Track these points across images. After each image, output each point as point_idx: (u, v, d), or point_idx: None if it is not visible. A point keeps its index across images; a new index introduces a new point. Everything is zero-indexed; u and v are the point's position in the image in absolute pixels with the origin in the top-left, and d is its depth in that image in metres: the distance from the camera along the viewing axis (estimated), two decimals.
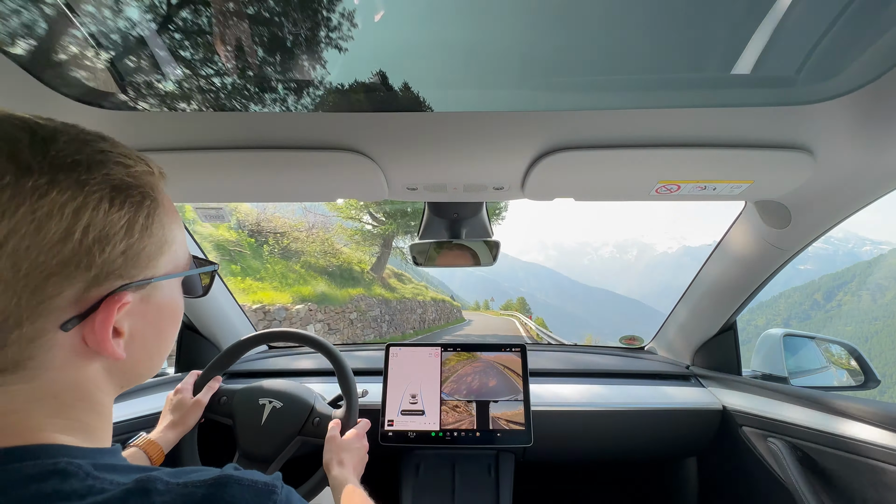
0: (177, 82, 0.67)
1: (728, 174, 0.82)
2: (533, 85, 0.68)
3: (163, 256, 0.41)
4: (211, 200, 1.05)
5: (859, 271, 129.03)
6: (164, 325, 0.44)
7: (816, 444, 1.01)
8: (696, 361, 1.52)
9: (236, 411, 1.02)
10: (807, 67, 0.63)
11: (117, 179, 0.36)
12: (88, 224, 0.33)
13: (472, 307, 78.61)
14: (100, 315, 0.35)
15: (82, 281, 0.34)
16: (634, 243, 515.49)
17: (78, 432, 0.37)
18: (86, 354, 0.37)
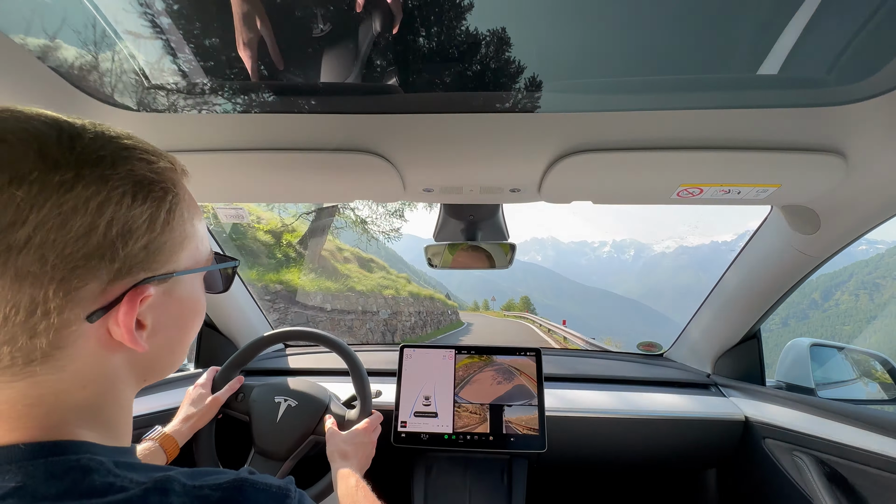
0: (200, 86, 0.69)
1: (754, 177, 0.80)
2: (552, 86, 0.67)
3: (184, 251, 0.42)
4: (231, 200, 1.07)
5: (857, 270, 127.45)
6: (185, 320, 0.45)
7: (846, 460, 0.97)
8: (717, 370, 1.47)
9: (252, 408, 1.04)
10: (839, 67, 0.61)
11: (140, 175, 0.37)
12: (112, 218, 0.34)
13: (471, 307, 75.20)
14: (123, 307, 0.36)
15: (106, 274, 0.35)
16: (632, 243, 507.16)
17: (101, 427, 0.38)
18: (110, 346, 0.38)
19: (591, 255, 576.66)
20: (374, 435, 0.98)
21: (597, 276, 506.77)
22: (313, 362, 1.51)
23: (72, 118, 0.36)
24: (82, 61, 0.64)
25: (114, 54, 0.65)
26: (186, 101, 0.70)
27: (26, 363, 0.34)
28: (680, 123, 0.70)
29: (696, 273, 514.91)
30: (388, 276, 14.77)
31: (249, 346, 1.11)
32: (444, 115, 0.69)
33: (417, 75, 0.73)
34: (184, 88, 0.69)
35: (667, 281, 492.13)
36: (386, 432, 1.08)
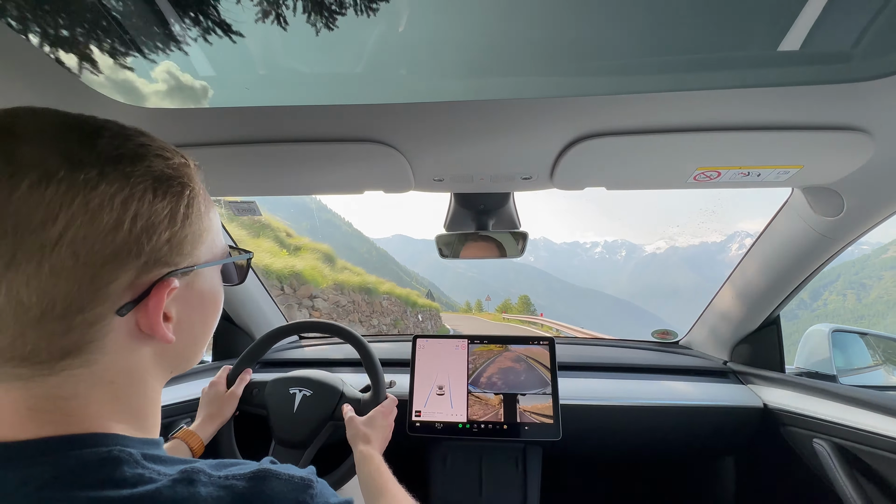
0: (208, 80, 0.69)
1: (774, 159, 0.77)
2: (563, 70, 0.66)
3: (203, 245, 0.43)
4: (241, 194, 1.07)
5: (844, 270, 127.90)
6: (206, 311, 0.47)
7: (868, 447, 0.95)
8: (734, 357, 1.45)
9: (269, 402, 1.06)
10: (865, 41, 0.58)
11: (158, 171, 0.38)
12: (136, 214, 0.35)
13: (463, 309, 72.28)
14: (152, 300, 0.38)
15: (133, 268, 0.36)
16: (623, 244, 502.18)
17: (130, 419, 0.40)
18: (139, 338, 0.39)
19: (584, 256, 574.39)
20: (391, 417, 1.01)
21: (589, 277, 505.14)
22: (327, 353, 1.53)
23: (87, 116, 0.37)
24: (90, 58, 0.64)
25: (120, 50, 0.65)
26: (193, 96, 0.70)
27: (62, 357, 0.35)
28: (697, 104, 0.68)
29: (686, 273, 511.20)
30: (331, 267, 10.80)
31: (262, 340, 1.14)
32: (454, 102, 0.68)
33: (425, 63, 0.71)
34: (190, 83, 0.69)
35: (658, 281, 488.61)
36: (400, 422, 1.09)
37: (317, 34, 0.69)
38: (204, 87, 0.69)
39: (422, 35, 0.67)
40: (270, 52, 0.67)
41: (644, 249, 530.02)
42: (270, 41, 0.66)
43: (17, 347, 0.33)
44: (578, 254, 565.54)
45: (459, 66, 0.70)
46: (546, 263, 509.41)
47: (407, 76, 0.71)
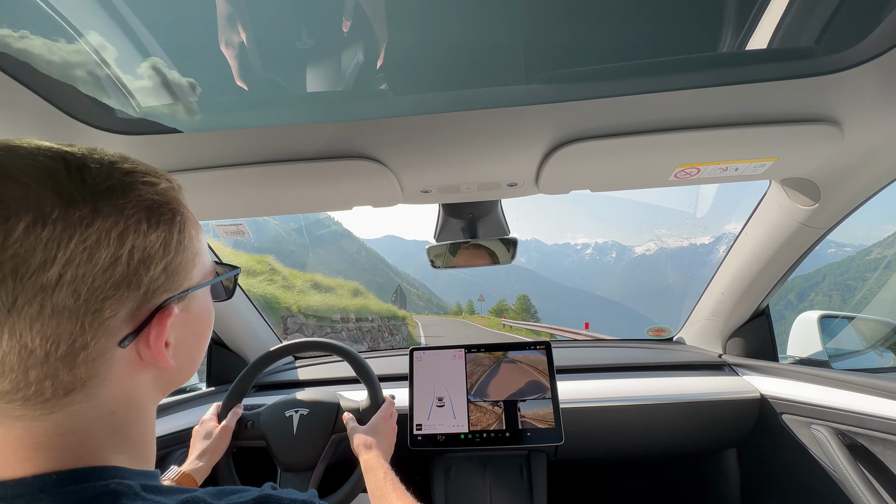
0: (189, 105, 0.69)
1: (750, 153, 0.80)
2: (541, 78, 0.67)
3: (195, 267, 0.43)
4: (229, 217, 1.07)
5: (829, 272, 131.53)
6: (202, 331, 0.47)
7: (866, 430, 0.96)
8: (728, 350, 1.47)
9: (266, 430, 1.03)
10: (827, 36, 0.61)
11: (148, 199, 0.38)
12: (132, 246, 0.36)
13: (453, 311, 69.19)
14: (154, 329, 0.38)
15: (133, 300, 0.36)
16: (613, 245, 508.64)
17: (128, 448, 0.40)
18: (139, 367, 0.39)
19: (574, 257, 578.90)
20: (393, 420, 1.00)
21: (580, 278, 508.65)
22: (323, 372, 1.51)
23: (69, 147, 0.37)
24: (70, 86, 0.64)
25: (101, 77, 0.65)
26: (177, 121, 0.70)
27: (65, 394, 0.35)
28: (672, 104, 0.70)
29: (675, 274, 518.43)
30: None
31: (249, 369, 1.11)
32: (437, 115, 0.69)
33: (407, 77, 0.73)
34: (173, 108, 0.69)
35: (648, 282, 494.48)
36: (402, 436, 1.08)
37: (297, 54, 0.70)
38: (189, 112, 0.70)
39: (402, 50, 0.69)
40: (252, 73, 0.68)
41: (634, 251, 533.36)
42: (252, 63, 0.67)
43: (21, 389, 0.33)
44: (569, 255, 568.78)
45: (440, 78, 0.71)
46: (537, 265, 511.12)
47: (389, 91, 0.72)
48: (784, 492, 1.24)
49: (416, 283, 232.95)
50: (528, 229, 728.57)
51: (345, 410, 1.05)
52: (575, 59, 0.69)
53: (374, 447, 0.89)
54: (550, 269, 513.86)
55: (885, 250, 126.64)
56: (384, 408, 1.00)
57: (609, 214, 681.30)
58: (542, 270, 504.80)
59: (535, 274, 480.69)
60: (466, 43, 0.68)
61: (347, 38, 0.68)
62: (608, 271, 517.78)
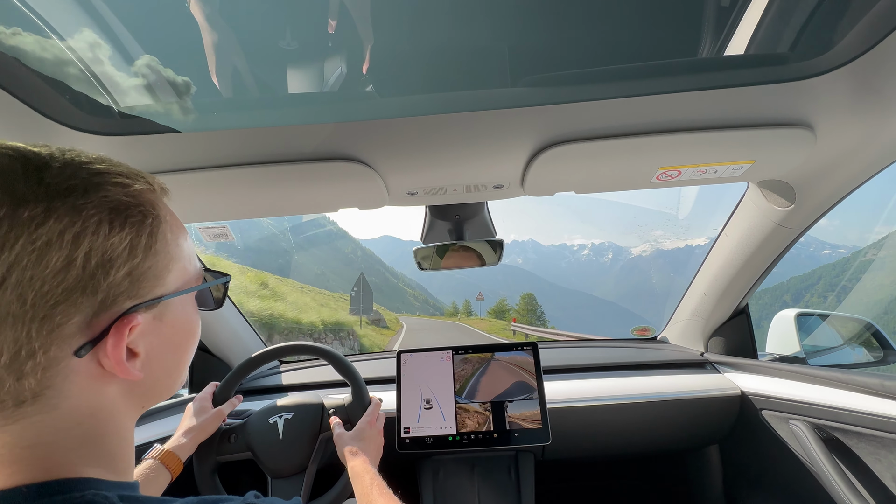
0: (172, 106, 0.68)
1: (729, 156, 0.82)
2: (526, 81, 0.68)
3: (171, 273, 0.41)
4: (213, 219, 1.05)
5: (824, 273, 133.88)
6: (180, 342, 0.44)
7: (840, 423, 0.99)
8: (710, 348, 1.50)
9: (251, 440, 1.01)
10: (801, 43, 0.63)
11: (115, 200, 0.36)
12: (89, 249, 0.33)
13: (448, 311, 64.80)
14: (111, 338, 0.35)
15: (90, 306, 0.34)
16: (610, 246, 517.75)
17: (103, 462, 0.38)
18: (103, 378, 0.37)
19: (571, 258, 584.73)
20: (379, 424, 0.99)
21: (576, 279, 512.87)
22: (308, 376, 1.49)
23: (38, 147, 0.35)
24: (44, 84, 0.62)
25: (78, 76, 0.63)
26: (160, 122, 0.69)
27: (17, 405, 0.33)
28: (654, 108, 0.71)
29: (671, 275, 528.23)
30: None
31: (247, 363, 1.10)
32: (423, 117, 0.70)
33: (393, 79, 0.73)
34: (156, 109, 0.68)
35: (643, 283, 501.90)
36: (389, 439, 1.07)
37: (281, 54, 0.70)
38: (170, 113, 0.68)
39: (388, 52, 0.69)
40: (236, 74, 0.67)
41: (630, 252, 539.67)
42: (236, 63, 0.66)
43: None
44: (566, 256, 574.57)
45: (426, 81, 0.72)
46: (534, 265, 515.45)
47: (375, 93, 0.72)
48: (764, 485, 1.27)
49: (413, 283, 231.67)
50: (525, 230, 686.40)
51: (329, 409, 1.04)
52: (560, 63, 0.70)
53: (361, 453, 0.88)
54: (547, 270, 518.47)
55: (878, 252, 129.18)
56: (370, 411, 0.99)
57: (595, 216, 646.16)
58: (539, 271, 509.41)
59: (532, 275, 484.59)
60: (453, 46, 0.68)
61: (333, 39, 0.68)
62: (604, 272, 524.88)
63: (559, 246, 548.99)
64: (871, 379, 0.96)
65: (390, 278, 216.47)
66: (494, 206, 1.17)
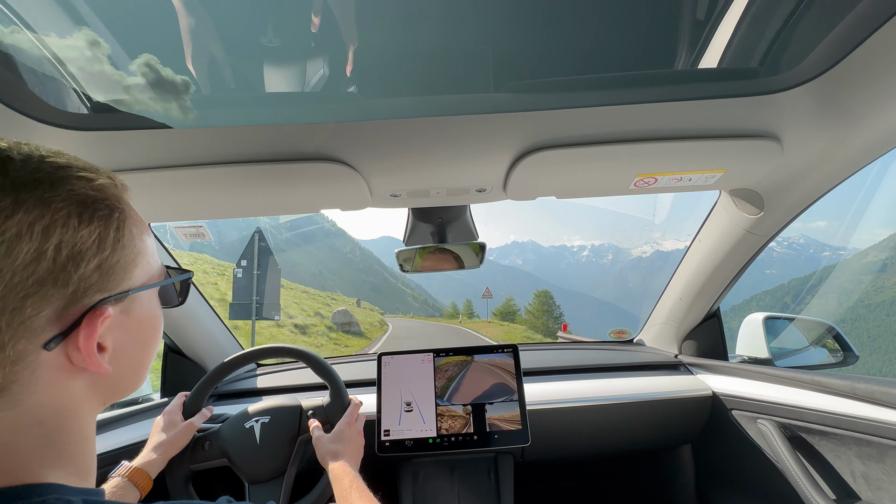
0: (147, 101, 0.66)
1: (702, 165, 0.85)
2: (509, 87, 0.69)
3: (137, 268, 0.41)
4: (189, 218, 1.03)
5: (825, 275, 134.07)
6: (146, 337, 0.44)
7: (803, 422, 1.04)
8: (683, 350, 1.55)
9: (226, 446, 0.99)
10: (770, 58, 0.66)
11: (82, 194, 0.36)
12: (60, 242, 0.33)
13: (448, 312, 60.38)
14: (83, 330, 0.35)
15: (60, 298, 0.34)
16: (610, 248, 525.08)
17: (65, 464, 0.37)
18: (70, 372, 0.36)
19: (571, 259, 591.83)
20: (359, 425, 0.98)
21: (576, 280, 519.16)
22: (286, 379, 1.47)
23: None
24: (11, 76, 0.60)
25: (47, 68, 0.61)
26: (134, 118, 0.67)
27: None
28: (632, 117, 0.73)
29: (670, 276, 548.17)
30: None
31: (219, 368, 1.08)
32: (407, 119, 0.70)
33: (377, 81, 0.73)
34: (131, 105, 0.66)
35: (643, 284, 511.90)
36: (369, 443, 1.07)
37: (265, 53, 0.69)
38: (148, 109, 0.67)
39: (372, 53, 0.69)
40: (218, 71, 0.66)
41: (630, 253, 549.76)
42: (216, 58, 0.65)
43: None
44: (566, 257, 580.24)
45: (410, 83, 0.72)
46: (534, 266, 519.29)
47: (359, 94, 0.72)
48: (734, 482, 1.32)
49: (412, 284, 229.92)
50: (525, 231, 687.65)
51: (308, 410, 1.03)
52: (542, 71, 0.71)
53: (341, 455, 0.87)
54: (547, 271, 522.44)
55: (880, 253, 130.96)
56: (349, 412, 0.98)
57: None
58: (539, 272, 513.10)
59: (532, 276, 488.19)
60: (437, 49, 0.69)
61: (317, 38, 0.68)
62: (604, 273, 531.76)
63: (559, 247, 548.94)
64: (833, 380, 1.01)
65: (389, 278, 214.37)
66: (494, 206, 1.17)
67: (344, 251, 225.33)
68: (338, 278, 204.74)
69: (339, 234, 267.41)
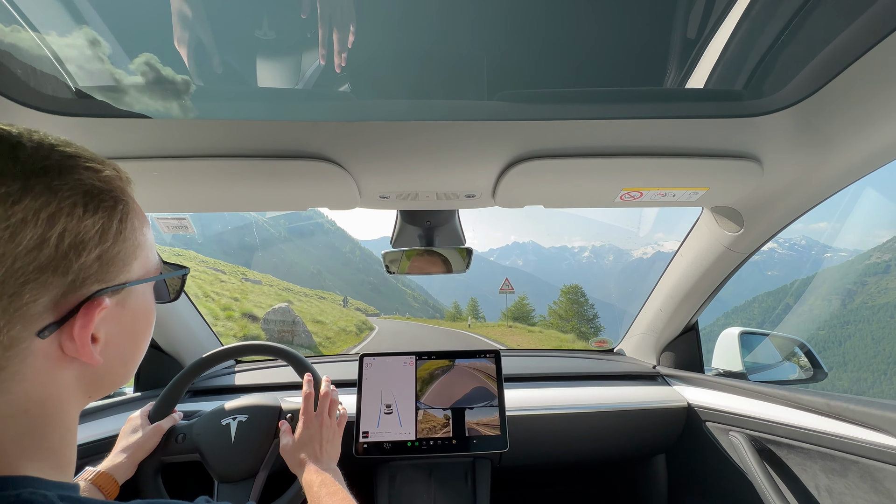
0: (139, 89, 0.65)
1: (686, 182, 0.87)
2: (502, 96, 0.70)
3: (136, 261, 0.41)
4: (175, 211, 1.01)
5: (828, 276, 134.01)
6: (138, 331, 0.44)
7: (772, 436, 1.07)
8: (661, 361, 1.58)
9: (199, 441, 0.96)
10: (753, 82, 0.69)
11: (88, 185, 0.36)
12: (64, 230, 0.33)
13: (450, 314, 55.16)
14: (79, 320, 0.35)
15: (59, 287, 0.34)
16: (611, 249, 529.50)
17: (44, 456, 0.36)
18: (61, 362, 0.36)
19: (572, 260, 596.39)
20: (322, 416, 0.91)
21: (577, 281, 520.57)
22: (266, 377, 1.45)
23: (6, 125, 0.35)
24: (4, 64, 0.58)
25: (31, 49, 0.60)
26: (121, 106, 0.66)
27: None
28: (621, 132, 0.75)
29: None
30: None
31: (184, 374, 1.03)
32: (399, 122, 0.70)
33: (371, 82, 0.73)
34: (118, 92, 0.65)
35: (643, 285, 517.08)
36: (347, 445, 1.06)
37: (259, 46, 0.68)
38: (137, 97, 0.65)
39: (368, 54, 0.69)
40: (210, 63, 0.65)
41: (632, 255, 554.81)
42: (208, 49, 0.64)
43: None
44: (566, 258, 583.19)
45: (405, 86, 0.72)
46: (535, 267, 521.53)
47: (352, 95, 0.72)
48: (705, 492, 1.35)
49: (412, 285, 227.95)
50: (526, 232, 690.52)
51: (287, 412, 1.01)
52: (535, 81, 0.73)
53: (307, 463, 0.83)
54: (548, 271, 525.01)
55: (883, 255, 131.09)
56: (305, 410, 0.92)
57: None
58: (540, 273, 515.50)
59: (533, 277, 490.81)
60: (433, 54, 0.69)
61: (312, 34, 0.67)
62: (605, 274, 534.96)
63: (560, 248, 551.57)
64: (802, 395, 1.04)
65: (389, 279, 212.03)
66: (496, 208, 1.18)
67: (343, 251, 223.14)
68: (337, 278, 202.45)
69: (339, 234, 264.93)
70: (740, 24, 0.63)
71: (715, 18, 0.65)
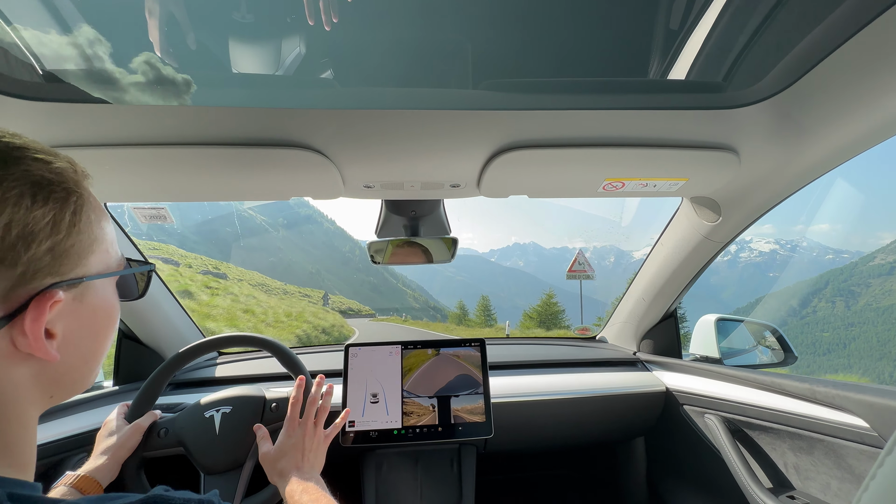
0: (111, 73, 0.62)
1: (666, 172, 0.89)
2: (486, 85, 0.70)
3: (93, 255, 0.40)
4: (153, 200, 0.98)
5: (832, 278, 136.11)
6: (99, 328, 0.43)
7: (744, 417, 1.12)
8: (641, 348, 1.62)
9: (183, 435, 0.95)
10: (733, 74, 0.70)
11: (37, 175, 0.35)
12: (10, 220, 0.32)
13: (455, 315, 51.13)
14: (30, 314, 0.34)
15: (7, 279, 0.33)
16: (612, 250, 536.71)
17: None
18: (14, 358, 0.35)
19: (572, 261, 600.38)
20: (307, 425, 0.87)
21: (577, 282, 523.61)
22: (250, 369, 1.43)
23: None
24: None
25: (2, 36, 0.57)
26: (93, 91, 0.63)
27: None
28: (604, 122, 0.76)
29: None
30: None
31: (163, 369, 1.01)
32: (383, 111, 0.69)
33: (354, 69, 0.72)
34: (89, 75, 0.62)
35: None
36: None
37: (237, 29, 0.66)
38: (109, 81, 0.63)
39: (351, 41, 0.68)
40: (185, 45, 0.63)
41: (633, 256, 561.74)
42: (185, 32, 0.62)
43: None
44: (567, 259, 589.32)
45: (389, 74, 0.71)
46: (535, 268, 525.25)
47: (335, 82, 0.70)
48: (681, 471, 1.40)
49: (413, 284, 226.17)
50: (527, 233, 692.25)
51: (272, 402, 1.00)
52: (519, 71, 0.72)
53: (287, 473, 0.79)
54: (548, 272, 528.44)
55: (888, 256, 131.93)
56: (289, 417, 0.89)
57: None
58: (541, 274, 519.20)
59: (534, 277, 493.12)
60: (418, 42, 0.69)
61: (292, 19, 0.66)
62: (605, 275, 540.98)
63: (560, 248, 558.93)
64: (773, 378, 1.08)
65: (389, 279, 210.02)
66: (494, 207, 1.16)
67: (343, 250, 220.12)
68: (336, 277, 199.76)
69: (339, 234, 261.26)
70: (722, 14, 0.64)
71: (698, 8, 0.66)
